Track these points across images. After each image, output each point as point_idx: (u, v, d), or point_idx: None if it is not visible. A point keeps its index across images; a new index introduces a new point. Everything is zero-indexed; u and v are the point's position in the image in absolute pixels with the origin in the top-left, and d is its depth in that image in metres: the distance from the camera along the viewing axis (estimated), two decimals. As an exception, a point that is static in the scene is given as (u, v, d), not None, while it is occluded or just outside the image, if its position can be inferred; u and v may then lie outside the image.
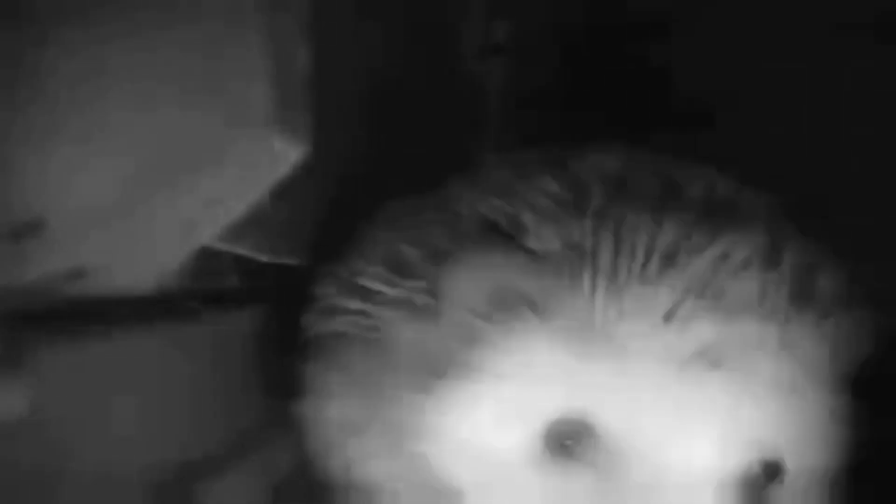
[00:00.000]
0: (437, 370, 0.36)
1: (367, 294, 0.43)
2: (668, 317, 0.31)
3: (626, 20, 0.79)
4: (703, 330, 0.31)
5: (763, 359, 0.31)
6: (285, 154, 0.40)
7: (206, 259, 0.46)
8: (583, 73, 0.83)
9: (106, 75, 0.33)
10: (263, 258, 0.50)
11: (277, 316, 0.56)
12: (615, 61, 0.80)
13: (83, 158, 0.34)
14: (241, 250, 0.47)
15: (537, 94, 0.81)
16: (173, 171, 0.37)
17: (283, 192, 0.43)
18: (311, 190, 0.51)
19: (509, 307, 0.34)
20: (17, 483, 0.32)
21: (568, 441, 0.32)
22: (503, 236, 0.35)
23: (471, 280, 0.34)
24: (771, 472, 0.32)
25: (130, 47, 0.34)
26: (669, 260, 0.32)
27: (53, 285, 0.36)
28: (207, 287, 0.49)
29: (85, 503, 0.36)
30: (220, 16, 0.36)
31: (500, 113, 0.81)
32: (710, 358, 0.31)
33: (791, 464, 0.33)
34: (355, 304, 0.44)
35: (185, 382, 0.46)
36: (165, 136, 0.36)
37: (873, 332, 0.34)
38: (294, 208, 0.50)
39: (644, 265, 0.32)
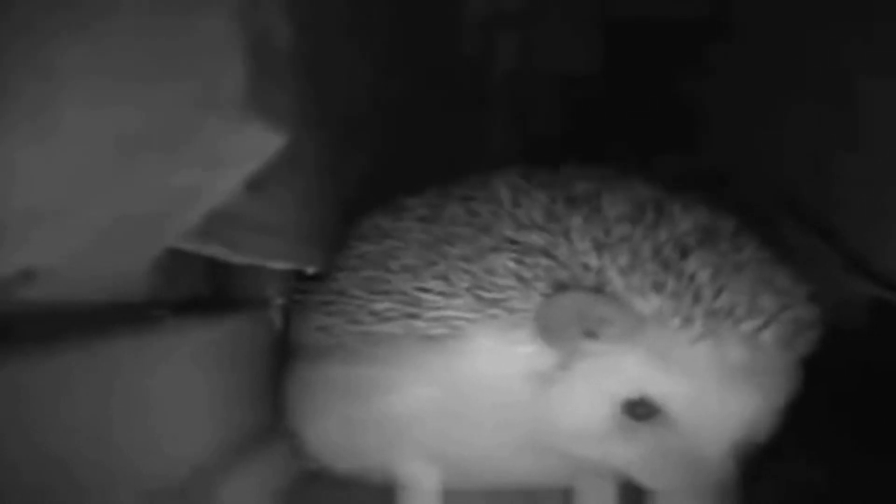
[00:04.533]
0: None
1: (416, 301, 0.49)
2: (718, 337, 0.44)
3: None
4: (739, 348, 0.44)
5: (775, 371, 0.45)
6: (262, 141, 0.39)
7: (173, 262, 0.45)
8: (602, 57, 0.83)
9: (58, 49, 0.32)
10: (237, 260, 0.48)
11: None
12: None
13: (29, 149, 0.32)
14: (212, 251, 0.46)
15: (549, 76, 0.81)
16: (133, 162, 0.36)
17: (261, 185, 0.42)
18: (292, 182, 0.50)
19: (597, 334, 0.45)
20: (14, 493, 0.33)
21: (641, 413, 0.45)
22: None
23: (562, 315, 0.45)
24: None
25: (85, 18, 0.32)
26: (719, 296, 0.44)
27: (2, 289, 0.35)
28: (175, 293, 0.49)
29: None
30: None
31: (507, 93, 0.82)
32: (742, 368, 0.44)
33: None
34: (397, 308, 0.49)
35: (170, 392, 0.46)
36: (125, 121, 0.34)
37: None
38: (273, 203, 0.49)
39: (706, 302, 0.44)
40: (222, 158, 0.39)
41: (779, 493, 0.53)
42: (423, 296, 0.48)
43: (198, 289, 0.53)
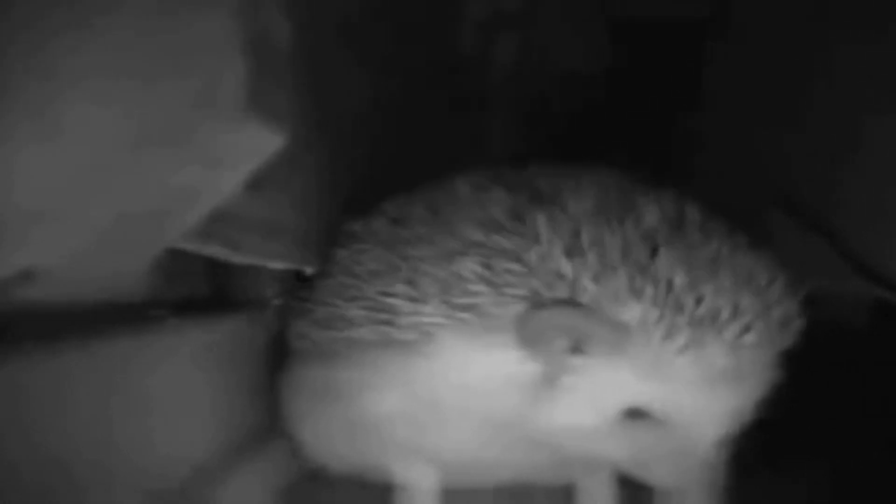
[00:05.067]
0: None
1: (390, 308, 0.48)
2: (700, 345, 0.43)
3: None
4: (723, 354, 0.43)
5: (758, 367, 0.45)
6: (262, 141, 0.39)
7: (173, 262, 0.45)
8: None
9: (59, 48, 0.32)
10: (237, 260, 0.48)
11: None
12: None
13: (29, 149, 0.32)
14: (212, 251, 0.46)
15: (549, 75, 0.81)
16: (133, 161, 0.36)
17: (261, 185, 0.42)
18: (292, 183, 0.50)
19: (580, 350, 0.44)
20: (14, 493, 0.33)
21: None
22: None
23: (547, 331, 0.43)
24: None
25: (86, 18, 0.32)
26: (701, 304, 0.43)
27: (2, 289, 0.35)
28: (175, 293, 0.49)
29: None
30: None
31: (507, 93, 0.81)
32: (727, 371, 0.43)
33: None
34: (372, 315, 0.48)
35: (170, 392, 0.46)
36: (125, 121, 0.34)
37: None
38: (273, 203, 0.49)
39: (689, 311, 0.43)
40: (222, 158, 0.39)
41: (780, 493, 0.53)
42: (392, 301, 0.47)
43: (197, 289, 0.53)
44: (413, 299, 0.46)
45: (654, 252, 0.43)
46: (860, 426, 0.59)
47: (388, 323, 0.47)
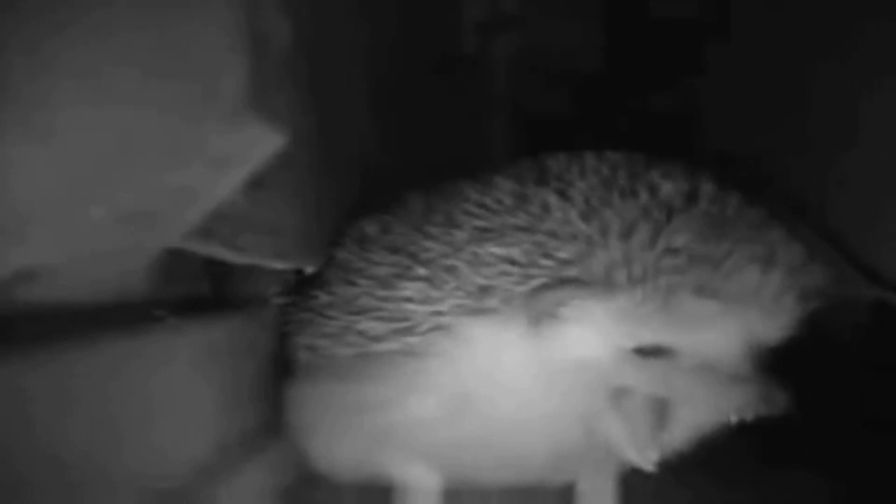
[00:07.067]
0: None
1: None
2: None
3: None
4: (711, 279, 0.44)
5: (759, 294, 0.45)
6: (262, 141, 0.39)
7: (173, 261, 0.45)
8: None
9: (57, 46, 0.31)
10: (237, 260, 0.48)
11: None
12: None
13: (27, 148, 0.32)
14: (212, 251, 0.46)
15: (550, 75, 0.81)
16: (132, 161, 0.36)
17: (261, 185, 0.42)
18: (292, 182, 0.50)
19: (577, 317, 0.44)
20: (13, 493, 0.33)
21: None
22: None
23: (541, 306, 0.44)
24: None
25: (85, 17, 0.32)
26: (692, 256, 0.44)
27: (2, 289, 0.35)
28: (174, 293, 0.48)
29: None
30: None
31: (507, 93, 0.82)
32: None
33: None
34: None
35: (170, 392, 0.46)
36: (124, 120, 0.34)
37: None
38: (273, 203, 0.49)
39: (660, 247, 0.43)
40: (222, 158, 0.39)
41: (780, 493, 0.53)
42: (408, 306, 0.47)
43: (197, 289, 0.53)
44: (430, 299, 0.46)
45: (669, 216, 0.44)
46: (860, 427, 0.59)
47: (408, 330, 0.47)
